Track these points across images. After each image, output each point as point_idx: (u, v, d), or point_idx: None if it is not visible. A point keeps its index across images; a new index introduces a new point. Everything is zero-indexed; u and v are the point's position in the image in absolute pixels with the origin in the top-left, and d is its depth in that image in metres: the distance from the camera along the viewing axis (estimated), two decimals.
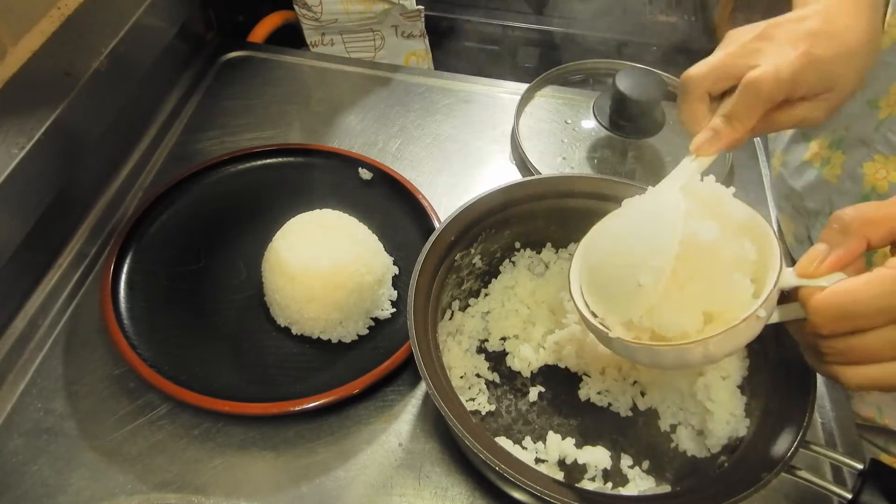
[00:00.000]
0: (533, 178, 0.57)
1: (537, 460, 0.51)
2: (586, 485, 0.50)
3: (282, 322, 0.58)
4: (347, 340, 0.58)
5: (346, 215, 0.61)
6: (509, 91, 0.83)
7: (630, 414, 0.54)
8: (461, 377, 0.55)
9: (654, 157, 0.75)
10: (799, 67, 0.43)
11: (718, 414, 0.50)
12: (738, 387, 0.52)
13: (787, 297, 0.40)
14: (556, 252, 0.61)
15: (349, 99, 0.80)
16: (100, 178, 0.68)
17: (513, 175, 0.74)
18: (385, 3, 0.83)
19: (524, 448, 0.52)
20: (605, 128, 0.74)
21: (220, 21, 0.87)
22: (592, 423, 0.54)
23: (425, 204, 0.65)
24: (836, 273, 0.37)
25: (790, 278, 0.38)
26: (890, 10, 0.54)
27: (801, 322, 0.39)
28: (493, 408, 0.54)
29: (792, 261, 0.67)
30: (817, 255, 0.38)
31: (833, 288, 0.36)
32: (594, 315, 0.44)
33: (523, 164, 0.74)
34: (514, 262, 0.60)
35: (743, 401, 0.51)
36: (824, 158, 0.60)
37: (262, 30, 0.90)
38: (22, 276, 0.59)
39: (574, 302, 0.45)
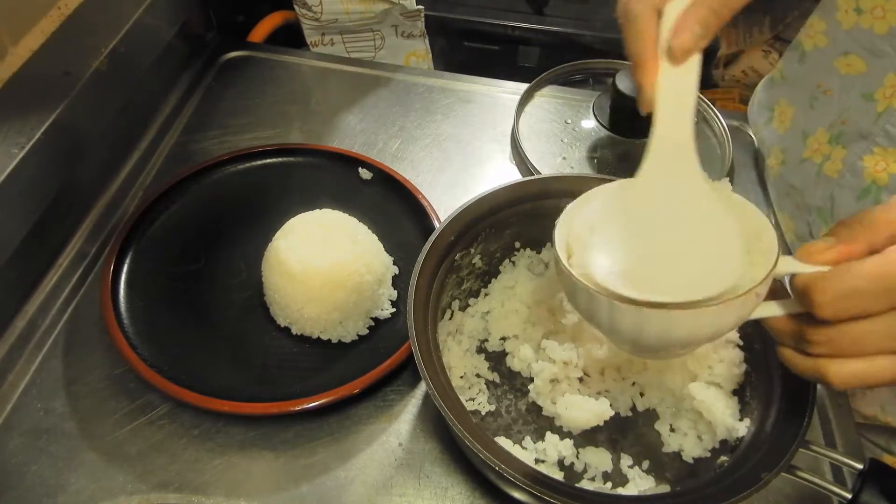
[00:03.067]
0: (533, 178, 0.57)
1: (537, 460, 0.51)
2: (586, 485, 0.50)
3: (282, 322, 0.58)
4: (347, 340, 0.58)
5: (346, 215, 0.61)
6: (509, 91, 0.83)
7: (630, 414, 0.54)
8: (461, 377, 0.55)
9: None
10: None
11: (706, 420, 0.51)
12: (734, 390, 0.52)
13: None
14: None
15: (349, 99, 0.80)
16: (100, 178, 0.68)
17: (513, 175, 0.74)
18: (385, 3, 0.83)
19: (524, 448, 0.52)
20: (605, 128, 0.74)
21: (220, 21, 0.87)
22: None
23: (425, 204, 0.65)
24: None
25: (789, 264, 0.37)
26: None
27: (783, 318, 0.38)
28: (493, 408, 0.54)
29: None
30: (823, 244, 0.36)
31: (839, 266, 0.35)
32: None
33: (523, 164, 0.74)
34: (514, 262, 0.60)
35: (736, 406, 0.51)
36: (825, 154, 0.60)
37: (262, 30, 0.90)
38: (22, 276, 0.59)
39: (555, 245, 0.42)
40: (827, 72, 0.61)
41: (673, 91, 0.43)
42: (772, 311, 0.39)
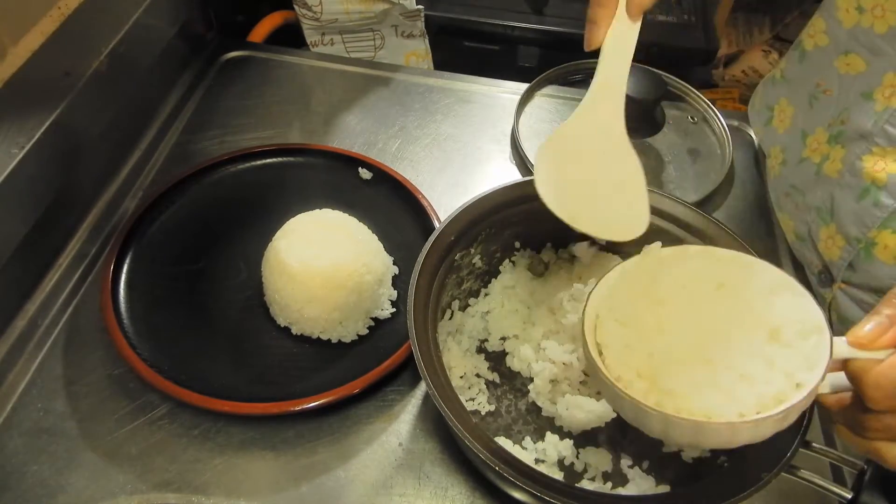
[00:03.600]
0: (533, 178, 0.57)
1: (537, 460, 0.51)
2: (586, 485, 0.50)
3: (282, 322, 0.58)
4: (347, 340, 0.58)
5: (346, 215, 0.61)
6: (509, 91, 0.83)
7: None
8: (461, 377, 0.55)
9: (654, 157, 0.75)
10: None
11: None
12: None
13: None
14: (556, 252, 0.61)
15: (349, 99, 0.80)
16: (100, 178, 0.68)
17: (513, 175, 0.74)
18: (385, 3, 0.83)
19: (524, 448, 0.52)
20: None
21: (220, 21, 0.87)
22: None
23: (425, 204, 0.65)
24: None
25: (841, 349, 0.36)
26: None
27: (834, 396, 0.37)
28: (492, 408, 0.54)
29: (791, 259, 0.67)
30: (878, 328, 0.35)
31: (893, 359, 0.34)
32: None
33: (523, 164, 0.74)
34: (514, 262, 0.60)
35: None
36: (824, 154, 0.60)
37: (262, 30, 0.90)
38: (22, 276, 0.59)
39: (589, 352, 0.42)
40: (827, 71, 0.61)
41: (620, 42, 0.48)
42: (822, 387, 0.38)
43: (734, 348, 0.40)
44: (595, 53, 0.50)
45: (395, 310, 0.60)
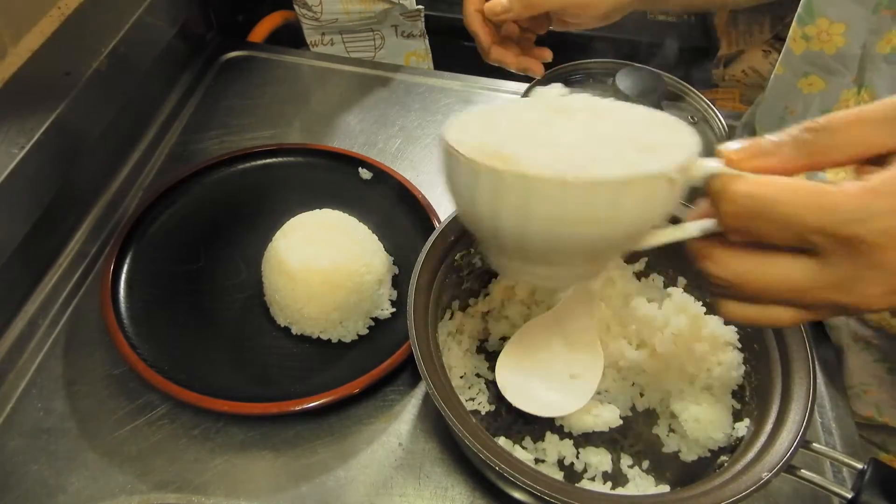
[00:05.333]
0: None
1: (537, 460, 0.51)
2: (586, 485, 0.50)
3: (282, 322, 0.58)
4: (347, 340, 0.58)
5: (346, 215, 0.61)
6: (509, 91, 0.83)
7: (630, 414, 0.54)
8: (461, 377, 0.55)
9: None
10: None
11: (705, 421, 0.51)
12: (734, 391, 0.52)
13: None
14: None
15: (349, 99, 0.80)
16: (100, 178, 0.68)
17: None
18: (385, 3, 0.83)
19: (524, 448, 0.52)
20: None
21: (220, 21, 0.87)
22: None
23: (425, 204, 0.65)
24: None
25: (711, 163, 0.32)
26: (834, 17, 0.57)
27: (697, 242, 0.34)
28: (493, 408, 0.54)
29: None
30: (760, 147, 0.32)
31: (761, 178, 0.31)
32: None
33: None
34: None
35: (727, 414, 0.51)
36: None
37: (262, 30, 0.90)
38: (22, 276, 0.59)
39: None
40: (792, 94, 0.64)
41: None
42: (692, 230, 0.35)
43: (600, 154, 0.33)
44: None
45: (395, 310, 0.60)
